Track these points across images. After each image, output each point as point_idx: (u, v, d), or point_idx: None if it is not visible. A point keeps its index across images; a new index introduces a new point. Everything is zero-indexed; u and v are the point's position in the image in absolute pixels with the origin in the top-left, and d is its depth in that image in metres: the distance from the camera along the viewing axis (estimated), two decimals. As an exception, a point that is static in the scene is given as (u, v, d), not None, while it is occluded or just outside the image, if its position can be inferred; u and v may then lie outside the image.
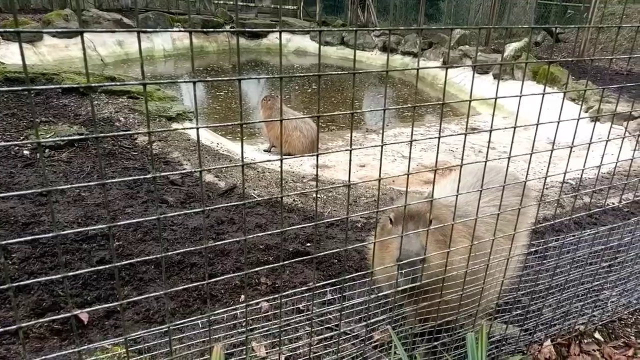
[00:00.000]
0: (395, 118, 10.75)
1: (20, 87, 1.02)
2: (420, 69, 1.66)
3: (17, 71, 7.31)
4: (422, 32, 1.80)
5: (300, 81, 13.45)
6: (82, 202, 3.96)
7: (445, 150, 7.85)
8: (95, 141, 1.20)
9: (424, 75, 14.97)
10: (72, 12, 14.08)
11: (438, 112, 11.32)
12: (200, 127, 1.43)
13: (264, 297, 2.88)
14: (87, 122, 5.83)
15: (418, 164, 6.97)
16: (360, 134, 9.07)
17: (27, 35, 11.93)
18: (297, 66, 16.92)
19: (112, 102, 6.84)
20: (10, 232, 3.33)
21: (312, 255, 1.87)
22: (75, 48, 13.16)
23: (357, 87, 13.99)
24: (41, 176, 4.29)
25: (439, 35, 16.43)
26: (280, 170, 1.48)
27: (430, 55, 15.97)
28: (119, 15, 15.63)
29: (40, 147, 0.95)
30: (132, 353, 2.20)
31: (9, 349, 2.41)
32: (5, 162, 4.58)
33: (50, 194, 1.21)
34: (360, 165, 6.91)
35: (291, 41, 19.43)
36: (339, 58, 18.30)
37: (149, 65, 14.58)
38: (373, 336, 2.46)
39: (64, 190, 4.07)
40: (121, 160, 5.07)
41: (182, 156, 5.49)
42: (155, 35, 15.85)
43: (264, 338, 2.52)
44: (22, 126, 5.55)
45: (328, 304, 2.75)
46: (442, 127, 8.99)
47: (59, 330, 2.62)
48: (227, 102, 10.98)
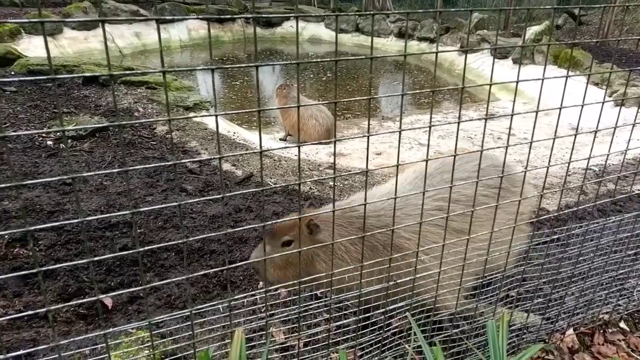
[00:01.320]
0: (411, 105, 10.64)
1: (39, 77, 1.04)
2: (439, 52, 1.63)
3: (39, 64, 7.44)
4: (440, 16, 1.77)
5: (315, 69, 13.39)
6: (104, 191, 4.03)
7: (463, 137, 7.75)
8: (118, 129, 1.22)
9: (440, 61, 14.75)
10: (90, 5, 14.22)
11: (455, 99, 11.16)
12: (219, 114, 1.44)
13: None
14: (107, 113, 5.92)
15: (435, 151, 6.90)
16: (376, 121, 9.01)
17: (48, 28, 12.09)
18: (312, 54, 16.83)
19: (131, 93, 6.91)
20: (36, 220, 3.42)
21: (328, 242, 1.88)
22: (94, 40, 13.31)
23: (372, 74, 13.86)
24: (65, 166, 4.38)
25: (456, 19, 16.13)
26: (298, 157, 1.48)
27: (447, 41, 15.70)
28: (136, 6, 15.72)
29: (65, 136, 0.97)
30: (155, 337, 2.25)
31: (38, 332, 2.49)
32: (30, 152, 4.68)
33: (74, 182, 1.23)
34: (376, 153, 6.88)
35: (305, 29, 19.31)
36: (353, 45, 18.13)
37: (166, 56, 14.66)
38: (391, 323, 2.47)
39: (86, 179, 4.15)
40: (141, 149, 5.14)
41: (199, 145, 5.54)
42: (171, 26, 15.91)
43: (282, 324, 2.55)
44: (45, 117, 5.66)
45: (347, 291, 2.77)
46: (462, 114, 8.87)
47: (84, 314, 2.69)
48: (243, 91, 11.00)
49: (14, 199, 3.76)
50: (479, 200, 2.35)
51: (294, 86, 7.72)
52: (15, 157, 4.63)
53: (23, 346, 2.40)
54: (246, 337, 2.22)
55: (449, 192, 1.73)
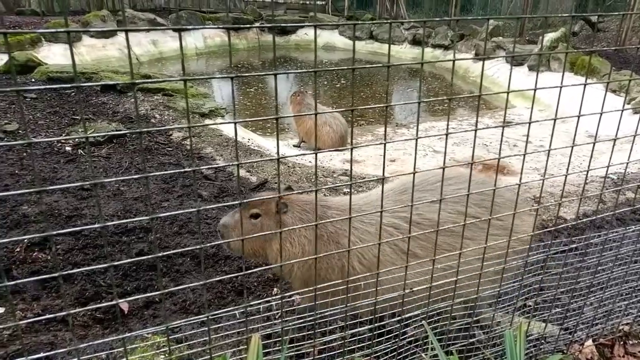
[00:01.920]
0: (426, 112, 10.61)
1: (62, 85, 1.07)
2: (456, 60, 1.63)
3: (59, 71, 7.59)
4: (455, 24, 1.76)
5: (329, 76, 13.44)
6: (121, 197, 4.09)
7: (479, 144, 7.69)
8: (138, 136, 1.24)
9: (455, 68, 14.69)
10: (109, 13, 14.49)
11: (470, 106, 11.10)
12: (238, 121, 1.45)
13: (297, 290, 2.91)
14: (124, 120, 6.01)
15: (451, 159, 6.86)
16: (390, 128, 8.99)
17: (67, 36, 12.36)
18: (326, 61, 16.90)
19: (147, 100, 7.02)
20: (54, 225, 3.48)
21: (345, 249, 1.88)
22: (112, 48, 13.54)
23: (386, 81, 13.87)
24: (83, 171, 4.45)
25: (471, 27, 16.06)
26: (315, 163, 1.48)
27: (462, 48, 15.64)
28: (153, 15, 15.99)
29: (88, 142, 0.99)
30: (170, 342, 2.26)
31: (56, 335, 2.52)
32: (49, 158, 4.77)
33: (95, 188, 1.25)
34: (390, 160, 6.86)
35: (320, 36, 19.40)
36: (367, 52, 18.16)
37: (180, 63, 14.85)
38: (407, 331, 2.45)
39: (104, 184, 4.21)
40: (157, 155, 5.21)
41: (215, 152, 5.59)
42: (187, 34, 16.12)
43: (297, 331, 2.55)
44: (64, 123, 5.77)
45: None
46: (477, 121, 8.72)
47: (101, 318, 2.72)
48: (258, 98, 11.08)
49: (33, 203, 3.84)
50: (446, 226, 2.19)
51: (308, 93, 7.75)
52: (36, 163, 4.73)
53: (41, 349, 2.43)
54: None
55: (410, 211, 1.74)
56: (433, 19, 1.53)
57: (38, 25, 13.87)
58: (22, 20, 14.58)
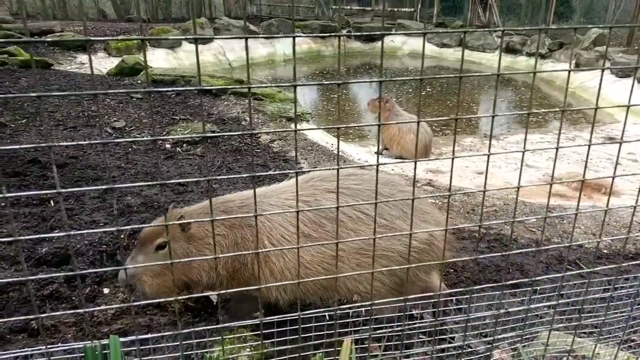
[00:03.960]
0: (518, 123, 10.06)
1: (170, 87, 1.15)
2: (537, 72, 1.52)
3: (162, 74, 8.23)
4: (552, 31, 1.65)
5: (414, 84, 13.23)
6: (212, 193, 4.32)
7: (576, 160, 7.14)
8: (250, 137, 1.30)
9: (552, 78, 13.80)
10: (206, 21, 15.46)
11: (568, 119, 10.34)
12: (341, 126, 1.48)
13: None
14: (218, 121, 6.36)
15: (545, 174, 6.43)
16: (477, 139, 8.64)
17: (169, 42, 13.36)
18: (412, 68, 16.66)
19: (239, 103, 7.38)
20: (154, 216, 3.76)
21: (439, 262, 1.84)
22: (207, 53, 14.42)
23: (475, 90, 13.35)
24: (180, 167, 4.78)
25: (571, 35, 14.99)
26: (414, 173, 1.46)
27: (560, 57, 14.65)
28: (247, 22, 16.80)
29: (206, 140, 1.06)
30: (257, 338, 2.34)
31: (151, 319, 2.72)
32: (150, 154, 5.18)
33: (209, 183, 1.34)
34: (477, 172, 6.58)
35: (406, 43, 19.18)
36: (456, 60, 17.62)
37: (270, 69, 15.44)
38: (493, 354, 2.33)
39: (198, 182, 4.48)
40: (246, 156, 5.45)
41: (299, 155, 5.72)
42: (277, 40, 16.72)
43: (374, 340, 2.52)
44: (165, 122, 6.23)
45: (443, 315, 2.66)
46: (574, 135, 8.20)
47: (191, 307, 2.89)
48: (341, 104, 11.20)
49: (136, 195, 4.18)
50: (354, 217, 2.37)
51: (392, 100, 7.68)
52: (139, 158, 5.15)
53: (139, 331, 2.63)
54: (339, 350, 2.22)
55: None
56: (521, 27, 1.44)
57: (144, 32, 15.15)
58: (130, 27, 16.01)
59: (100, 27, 15.30)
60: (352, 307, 1.65)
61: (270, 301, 2.42)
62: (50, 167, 4.55)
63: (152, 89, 1.16)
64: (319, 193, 2.38)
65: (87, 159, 4.90)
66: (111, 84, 8.29)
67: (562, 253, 3.75)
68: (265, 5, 21.65)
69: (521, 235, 4.16)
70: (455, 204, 4.84)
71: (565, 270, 1.85)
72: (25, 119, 5.87)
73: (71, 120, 6.04)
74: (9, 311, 2.67)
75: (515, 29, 1.42)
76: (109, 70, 9.55)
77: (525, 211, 4.76)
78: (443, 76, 1.42)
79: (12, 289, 2.81)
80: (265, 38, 1.56)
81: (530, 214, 4.67)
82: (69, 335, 2.55)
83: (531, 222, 4.44)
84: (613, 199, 5.59)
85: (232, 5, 21.14)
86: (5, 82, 7.41)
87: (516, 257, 3.62)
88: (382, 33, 1.34)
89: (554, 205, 5.08)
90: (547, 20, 17.20)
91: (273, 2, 22.11)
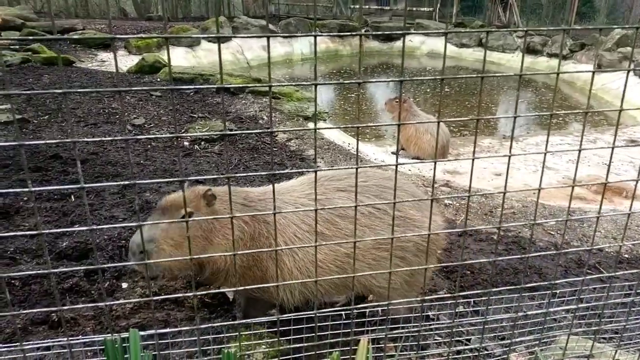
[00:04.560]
0: (537, 125, 9.91)
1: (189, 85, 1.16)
2: (560, 73, 1.50)
3: (181, 72, 8.32)
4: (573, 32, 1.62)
5: (432, 84, 13.13)
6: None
7: (597, 163, 7.01)
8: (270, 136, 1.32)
9: (573, 79, 13.55)
10: (225, 20, 15.56)
11: (589, 121, 10.14)
12: (360, 125, 1.47)
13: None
14: (235, 119, 6.40)
15: (564, 177, 6.33)
16: (496, 140, 8.54)
17: (188, 41, 13.49)
18: (430, 68, 16.54)
19: (257, 102, 7.42)
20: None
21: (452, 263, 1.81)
22: (226, 52, 14.51)
23: (494, 91, 13.19)
24: (197, 165, 4.82)
25: (594, 36, 14.71)
26: (433, 175, 1.45)
27: (581, 58, 14.38)
28: (265, 21, 16.88)
29: (225, 138, 1.07)
30: (274, 335, 2.35)
31: (169, 314, 2.76)
32: (169, 151, 5.24)
33: (229, 180, 1.35)
34: (495, 174, 6.51)
35: (425, 43, 19.04)
36: (475, 60, 17.44)
37: (287, 68, 15.47)
38: (510, 357, 2.30)
39: (215, 179, 4.52)
40: (262, 154, 5.48)
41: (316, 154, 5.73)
42: (295, 40, 16.77)
43: (390, 340, 2.51)
44: (183, 120, 6.30)
45: (459, 317, 2.64)
46: (595, 138, 8.04)
47: (208, 303, 2.92)
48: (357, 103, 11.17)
49: (155, 191, 4.23)
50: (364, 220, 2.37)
51: (410, 100, 7.63)
52: (157, 155, 5.22)
53: (156, 325, 2.67)
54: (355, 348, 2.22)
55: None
56: (541, 28, 1.42)
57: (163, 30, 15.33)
58: (150, 25, 16.22)
59: (121, 25, 15.54)
60: (367, 306, 1.65)
61: (276, 303, 2.41)
62: (71, 163, 4.64)
63: (175, 87, 1.17)
64: (329, 192, 2.40)
65: (107, 155, 4.98)
66: (131, 82, 8.41)
67: (582, 257, 3.68)
68: (283, 4, 21.73)
69: (540, 238, 4.10)
70: (472, 205, 4.79)
71: (585, 274, 1.82)
72: (47, 115, 5.99)
73: (92, 117, 6.14)
74: (31, 303, 2.73)
75: (538, 29, 1.40)
76: (129, 68, 9.69)
77: (544, 214, 4.69)
78: (464, 76, 1.41)
79: (34, 282, 2.88)
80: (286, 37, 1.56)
81: (549, 217, 4.60)
82: (87, 328, 2.60)
83: (550, 224, 4.37)
84: (635, 202, 5.46)
85: (250, 4, 21.27)
86: (29, 79, 7.58)
87: (534, 260, 3.56)
88: (404, 32, 1.33)
89: (573, 208, 4.99)
90: (569, 21, 16.90)
91: (291, 1, 22.17)
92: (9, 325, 2.48)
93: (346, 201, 2.36)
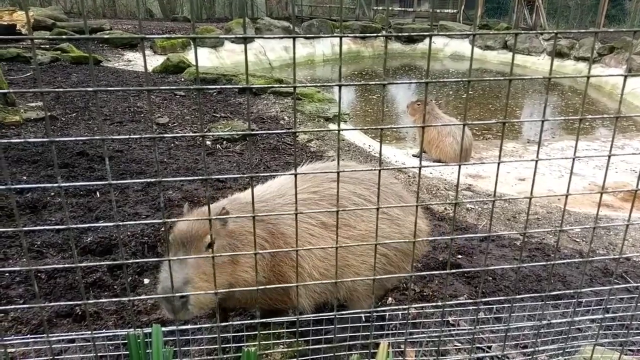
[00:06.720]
0: (563, 130, 9.71)
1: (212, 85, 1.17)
2: (591, 76, 1.46)
3: (204, 72, 8.42)
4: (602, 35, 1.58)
5: (455, 86, 12.98)
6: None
7: (625, 169, 6.82)
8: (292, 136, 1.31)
9: (601, 83, 13.22)
10: (249, 21, 15.70)
11: (617, 126, 9.88)
12: (384, 127, 1.47)
13: (412, 303, 2.84)
14: (257, 120, 6.45)
15: (590, 183, 6.18)
16: (520, 144, 8.39)
17: (212, 41, 13.66)
18: (453, 71, 16.36)
19: (278, 103, 7.46)
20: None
21: (474, 269, 1.80)
22: (249, 53, 14.64)
23: (518, 94, 12.96)
24: (219, 164, 4.87)
25: (623, 39, 14.32)
26: (457, 179, 1.43)
27: (610, 62, 14.02)
28: (287, 22, 16.96)
29: (249, 138, 1.07)
30: (292, 336, 2.36)
31: (189, 311, 2.79)
32: (192, 150, 5.31)
33: (252, 180, 1.36)
34: (519, 179, 6.39)
35: (448, 45, 18.86)
36: (499, 63, 17.18)
37: (309, 69, 15.51)
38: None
39: (236, 179, 4.55)
40: (283, 155, 5.50)
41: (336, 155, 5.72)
42: (317, 41, 16.80)
43: (409, 344, 2.49)
44: (206, 120, 6.38)
45: (480, 323, 2.60)
46: (623, 144, 7.85)
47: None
48: (380, 105, 11.13)
49: (177, 189, 4.29)
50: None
51: (432, 102, 7.56)
52: (180, 153, 5.29)
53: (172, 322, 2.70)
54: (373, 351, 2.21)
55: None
56: (569, 30, 1.38)
57: (188, 31, 15.55)
58: (175, 26, 16.47)
59: (147, 25, 15.82)
60: (385, 310, 1.63)
61: (296, 309, 2.35)
62: (97, 160, 4.74)
63: (201, 87, 1.19)
64: (325, 182, 2.40)
65: (132, 153, 5.07)
66: (156, 81, 8.55)
67: (608, 265, 3.58)
68: (306, 5, 21.80)
69: (564, 245, 4.01)
70: (495, 210, 4.72)
71: (612, 283, 1.77)
72: (75, 113, 6.14)
73: (118, 116, 6.27)
74: (56, 296, 2.80)
75: (568, 31, 1.37)
76: (155, 68, 9.86)
77: (570, 220, 4.59)
78: (491, 79, 1.39)
79: (59, 275, 2.95)
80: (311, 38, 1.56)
81: (575, 223, 4.50)
82: (110, 322, 2.65)
83: (575, 232, 4.27)
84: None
85: (274, 5, 21.41)
86: (58, 78, 7.78)
87: (558, 268, 3.49)
88: (430, 34, 1.32)
89: (600, 215, 4.86)
90: (598, 23, 16.50)
91: (314, 2, 22.23)
92: (35, 316, 2.55)
93: (342, 191, 2.37)
